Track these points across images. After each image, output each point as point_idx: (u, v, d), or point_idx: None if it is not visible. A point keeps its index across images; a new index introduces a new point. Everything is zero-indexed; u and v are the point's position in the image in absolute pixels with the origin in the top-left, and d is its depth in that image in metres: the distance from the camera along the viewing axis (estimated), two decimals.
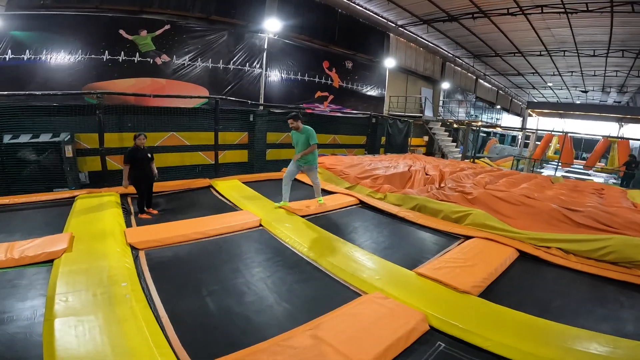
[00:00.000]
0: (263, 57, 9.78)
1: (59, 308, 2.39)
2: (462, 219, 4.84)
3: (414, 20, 12.98)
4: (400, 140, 13.33)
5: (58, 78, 6.89)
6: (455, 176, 7.17)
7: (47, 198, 5.18)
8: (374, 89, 13.60)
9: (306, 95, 11.14)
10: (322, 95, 11.67)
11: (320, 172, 7.54)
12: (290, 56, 10.54)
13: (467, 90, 20.95)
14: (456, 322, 2.48)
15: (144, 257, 3.47)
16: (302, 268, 3.44)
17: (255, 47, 9.60)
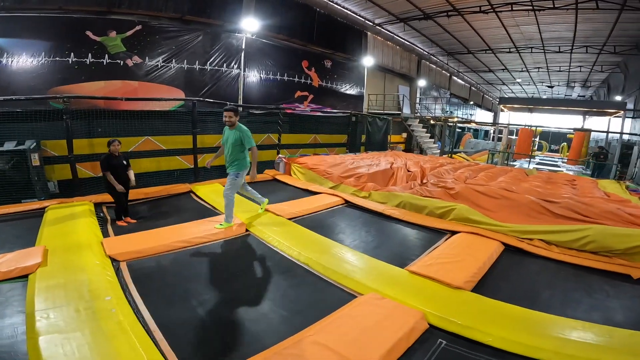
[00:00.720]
0: (241, 58, 9.57)
1: (41, 325, 2.24)
2: (447, 214, 4.92)
3: (390, 18, 13.12)
4: (380, 137, 13.46)
5: (21, 82, 6.43)
6: (436, 172, 7.29)
7: (16, 210, 4.82)
8: (353, 87, 13.65)
9: (286, 95, 11.02)
10: (302, 95, 11.58)
11: (303, 172, 7.51)
12: (269, 56, 10.38)
13: (442, 87, 21.47)
14: (454, 319, 2.49)
15: (126, 268, 3.29)
16: (294, 272, 3.37)
17: (232, 47, 9.38)
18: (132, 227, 4.56)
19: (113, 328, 2.24)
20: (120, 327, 2.26)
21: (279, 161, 8.26)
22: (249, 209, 5.15)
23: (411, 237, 4.51)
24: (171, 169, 7.85)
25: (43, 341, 2.08)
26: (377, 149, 12.80)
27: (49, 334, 2.16)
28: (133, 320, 2.37)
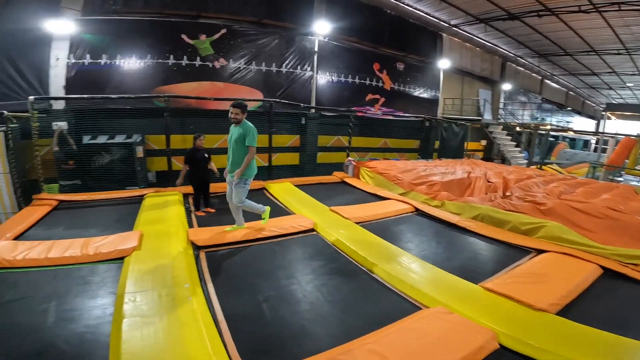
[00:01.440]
0: (314, 60, 9.82)
1: (127, 308, 2.45)
2: (534, 232, 4.40)
3: (469, 19, 12.23)
4: (455, 144, 12.60)
5: (130, 82, 7.48)
6: (522, 184, 6.55)
7: (120, 195, 5.62)
8: (427, 91, 13.05)
9: (357, 98, 10.98)
10: (374, 97, 11.43)
11: (373, 176, 7.37)
12: (340, 58, 10.46)
13: (532, 91, 19.29)
14: (531, 341, 2.23)
15: (204, 257, 3.54)
16: (357, 277, 3.31)
17: (305, 49, 9.68)
18: (211, 217, 4.96)
19: (186, 316, 2.39)
20: (193, 315, 2.40)
21: (348, 164, 8.25)
22: (318, 210, 5.21)
23: (488, 253, 4.12)
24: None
25: (126, 323, 2.26)
26: (452, 156, 12.00)
27: (132, 317, 2.35)
28: (204, 310, 2.52)
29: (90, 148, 6.06)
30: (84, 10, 7.10)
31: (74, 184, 5.94)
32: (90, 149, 6.06)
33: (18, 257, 3.14)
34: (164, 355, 2.00)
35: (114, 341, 2.11)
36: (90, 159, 6.05)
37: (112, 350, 2.04)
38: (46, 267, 3.12)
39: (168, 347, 2.08)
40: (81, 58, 7.09)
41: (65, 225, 4.37)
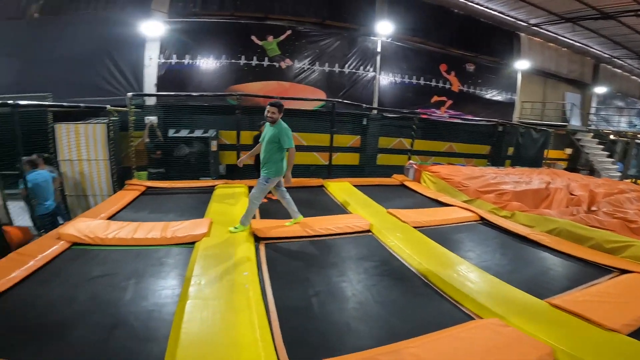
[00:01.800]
0: (376, 61, 9.73)
1: (192, 290, 2.62)
2: (620, 251, 3.89)
3: (551, 18, 11.01)
4: (533, 152, 11.45)
5: (207, 80, 8.23)
6: (613, 199, 5.73)
7: (194, 185, 6.21)
8: (501, 93, 12.08)
9: (421, 99, 10.61)
10: (440, 100, 10.94)
11: (435, 181, 7.07)
12: (404, 59, 10.21)
13: (631, 95, 16.70)
14: None
15: (263, 248, 3.73)
16: (409, 281, 3.23)
17: (368, 50, 9.64)
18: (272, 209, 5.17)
19: (242, 302, 2.53)
20: (248, 302, 2.53)
21: (409, 167, 8.02)
22: (375, 211, 5.18)
23: (560, 269, 3.73)
24: (308, 164, 8.61)
25: (189, 305, 2.41)
26: (529, 164, 10.93)
27: (196, 298, 2.51)
28: (258, 299, 2.64)
29: (174, 140, 6.83)
30: (170, 12, 7.98)
31: (159, 172, 6.73)
32: (174, 141, 6.83)
33: (109, 235, 3.58)
34: (216, 337, 2.14)
35: (176, 320, 2.28)
36: (173, 151, 6.82)
37: (173, 328, 2.21)
38: (131, 246, 3.52)
39: (221, 329, 2.21)
40: (169, 58, 7.99)
41: (150, 209, 4.94)
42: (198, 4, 8.10)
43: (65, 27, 7.67)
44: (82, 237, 3.51)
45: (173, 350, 1.95)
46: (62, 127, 5.71)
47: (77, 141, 5.74)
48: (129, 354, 2.01)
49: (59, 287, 2.73)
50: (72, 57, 7.46)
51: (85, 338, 2.13)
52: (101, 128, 5.83)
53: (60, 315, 2.37)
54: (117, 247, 3.50)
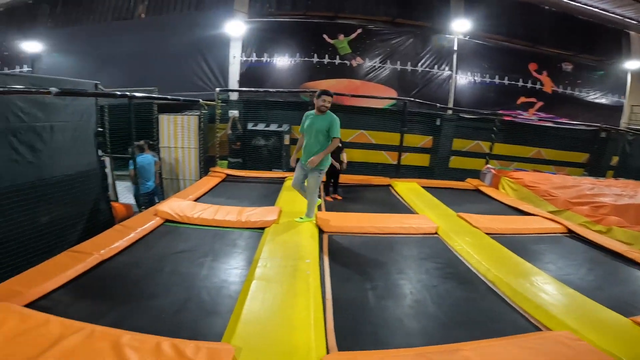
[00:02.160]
0: (452, 59, 9.19)
1: (258, 272, 2.80)
2: None
3: None
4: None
5: (283, 78, 8.70)
6: None
7: (267, 175, 6.64)
8: (605, 95, 10.46)
9: (505, 100, 9.71)
10: (528, 101, 9.90)
11: (516, 188, 6.48)
12: (485, 58, 9.47)
13: None
14: None
15: (326, 239, 3.83)
16: (474, 287, 3.04)
17: (443, 48, 9.17)
18: (337, 204, 5.34)
19: (302, 287, 2.64)
20: (307, 288, 2.63)
21: (487, 172, 7.46)
22: (444, 213, 4.96)
23: None
24: (375, 162, 8.55)
25: (254, 285, 2.57)
26: (638, 177, 9.30)
27: (260, 280, 2.66)
28: (317, 285, 2.72)
29: (252, 133, 7.42)
30: (250, 12, 8.61)
31: (237, 162, 7.38)
32: (252, 134, 7.42)
33: (195, 215, 4.02)
34: (274, 316, 2.27)
35: (241, 298, 2.45)
36: (251, 142, 7.41)
37: (237, 305, 2.37)
38: (211, 227, 3.91)
39: (279, 310, 2.34)
40: (249, 56, 8.65)
41: (228, 194, 5.42)
42: (273, 4, 8.61)
43: (166, 27, 8.78)
44: (173, 215, 4.01)
45: (234, 326, 2.13)
46: (164, 118, 6.62)
47: (174, 130, 6.61)
48: (195, 325, 2.23)
49: (150, 259, 3.14)
50: (173, 55, 8.53)
51: (163, 307, 2.42)
52: (194, 119, 6.61)
53: (145, 284, 2.72)
54: (200, 227, 3.92)
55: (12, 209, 3.37)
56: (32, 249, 3.51)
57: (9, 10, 10.31)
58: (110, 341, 1.79)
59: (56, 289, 2.47)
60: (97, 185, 4.48)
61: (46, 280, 2.45)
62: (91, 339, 1.80)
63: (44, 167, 3.75)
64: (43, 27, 9.85)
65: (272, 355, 1.92)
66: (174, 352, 1.75)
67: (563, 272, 3.45)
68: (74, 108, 4.15)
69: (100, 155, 4.52)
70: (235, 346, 1.89)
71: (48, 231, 3.72)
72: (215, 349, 1.82)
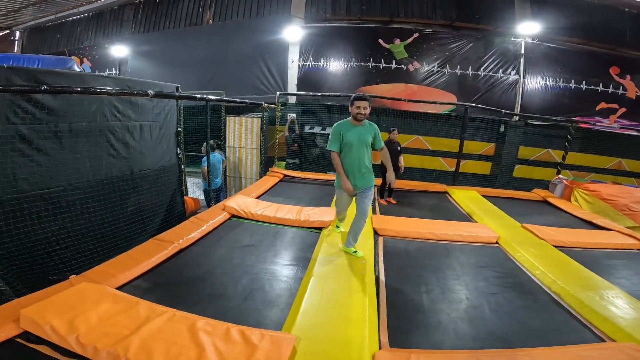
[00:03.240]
0: (520, 63, 8.62)
1: (316, 269, 2.96)
2: None
3: None
4: None
5: (339, 82, 8.85)
6: None
7: (323, 177, 6.84)
8: None
9: (582, 106, 8.86)
10: (608, 107, 8.93)
11: (591, 201, 5.94)
12: (557, 61, 8.72)
13: None
14: None
15: (382, 242, 3.88)
16: (536, 297, 2.91)
17: (508, 52, 8.62)
18: (392, 208, 5.35)
19: (357, 285, 2.74)
20: (362, 286, 2.73)
21: (557, 182, 6.90)
22: (506, 223, 4.73)
23: None
24: (432, 169, 8.35)
25: (312, 280, 2.73)
26: None
27: (318, 276, 2.82)
28: (372, 285, 2.80)
29: (309, 136, 7.70)
30: (306, 17, 8.88)
31: (294, 163, 7.71)
32: (308, 136, 7.70)
33: (258, 212, 4.30)
34: (331, 310, 2.40)
35: (300, 292, 2.62)
36: (308, 145, 7.70)
37: (297, 298, 2.54)
38: (273, 223, 4.15)
39: (336, 305, 2.46)
40: (307, 61, 8.93)
41: (286, 194, 5.66)
42: (328, 10, 8.80)
43: (231, 33, 9.36)
44: (239, 211, 4.33)
45: (294, 316, 2.29)
46: (231, 119, 7.17)
47: (239, 131, 7.12)
48: (258, 314, 2.42)
49: (220, 250, 3.43)
50: (237, 59, 9.08)
51: (231, 296, 2.64)
52: (257, 121, 7.06)
53: (216, 273, 2.98)
54: (263, 223, 4.20)
55: (107, 199, 3.87)
56: (123, 235, 4.02)
57: (96, 15, 11.60)
58: (188, 325, 2.01)
59: (143, 273, 2.82)
60: (176, 179, 5.00)
61: (135, 265, 2.80)
62: (172, 322, 2.04)
63: (135, 162, 4.30)
64: (128, 32, 11.00)
65: (328, 346, 2.04)
66: (241, 338, 1.94)
67: (637, 288, 3.17)
68: (160, 109, 4.70)
69: (178, 153, 5.05)
70: (295, 336, 2.04)
71: (136, 219, 4.25)
72: (278, 337, 1.98)
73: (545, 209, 6.01)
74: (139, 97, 4.14)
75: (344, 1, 8.83)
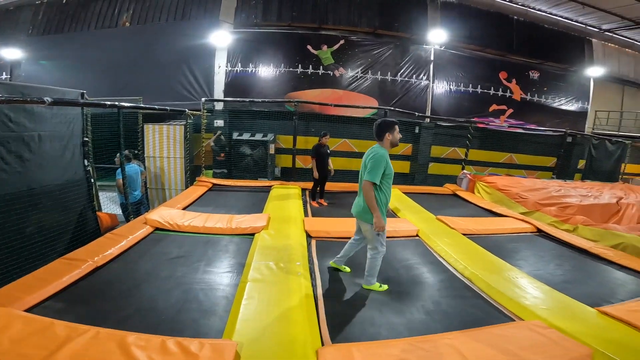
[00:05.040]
0: (430, 69, 9.65)
1: (252, 274, 2.96)
2: None
3: (626, 24, 10.09)
4: (609, 165, 10.46)
5: (267, 87, 8.88)
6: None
7: (254, 184, 6.78)
8: (570, 102, 11.23)
9: (478, 108, 10.27)
10: (499, 109, 10.50)
11: (490, 192, 6.87)
12: (459, 67, 10.00)
13: None
14: None
15: (314, 244, 4.03)
16: (453, 284, 3.30)
17: (421, 59, 9.61)
18: (324, 209, 5.54)
19: (294, 287, 2.83)
20: (299, 287, 2.82)
21: (463, 177, 7.85)
22: (424, 217, 5.24)
23: (620, 281, 3.55)
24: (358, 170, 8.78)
25: (249, 286, 2.74)
26: (603, 179, 9.99)
27: (255, 281, 2.84)
28: (308, 285, 2.91)
29: (237, 142, 7.52)
30: (235, 23, 8.77)
31: (222, 172, 7.45)
32: (237, 143, 7.52)
33: (185, 223, 4.13)
34: (271, 313, 2.44)
35: (237, 298, 2.61)
36: (236, 152, 7.51)
37: (234, 304, 2.53)
38: (202, 234, 4.03)
39: (275, 307, 2.51)
40: (234, 66, 8.78)
41: (216, 203, 5.50)
42: (259, 15, 8.82)
43: (150, 36, 8.83)
44: (163, 223, 4.10)
45: (233, 323, 2.29)
46: (149, 127, 6.65)
47: (160, 140, 6.64)
48: (196, 325, 2.36)
49: (145, 265, 3.23)
50: (157, 64, 8.57)
51: (163, 309, 2.53)
52: (180, 129, 6.67)
53: (143, 288, 2.82)
54: (191, 234, 4.03)
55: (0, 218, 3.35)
56: (23, 256, 3.50)
57: None
58: (117, 342, 1.89)
59: (54, 294, 2.54)
60: (84, 194, 4.48)
61: (44, 287, 2.52)
62: (98, 340, 1.90)
63: (33, 176, 3.75)
64: (24, 34, 9.69)
65: (272, 347, 2.08)
66: (179, 349, 1.87)
67: (534, 268, 3.76)
68: (61, 117, 4.17)
69: (86, 165, 4.54)
70: (237, 341, 2.03)
71: (38, 239, 3.72)
72: (218, 344, 1.95)
73: (455, 202, 6.81)
74: (35, 105, 3.62)
75: (275, 7, 8.87)
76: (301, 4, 8.88)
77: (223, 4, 8.73)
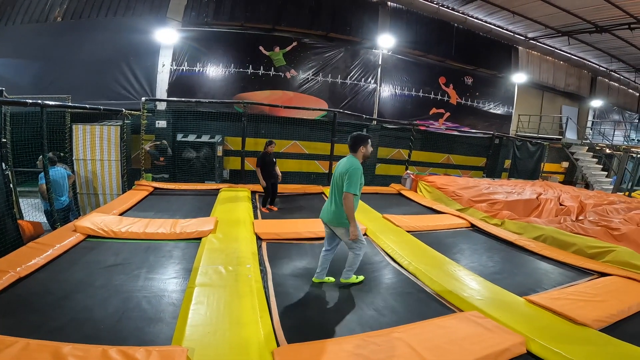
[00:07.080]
0: (377, 73, 10.05)
1: (200, 279, 2.90)
2: (601, 256, 4.15)
3: (549, 32, 11.39)
4: (530, 165, 11.75)
5: (216, 88, 8.56)
6: (600, 209, 5.99)
7: (200, 187, 6.52)
8: (498, 106, 12.41)
9: (420, 111, 10.92)
10: (438, 112, 11.26)
11: (430, 190, 7.35)
12: (404, 72, 10.52)
13: (628, 109, 17.02)
14: (563, 351, 2.22)
15: (265, 246, 4.01)
16: (399, 279, 3.48)
17: (370, 62, 9.96)
18: (274, 213, 5.50)
19: (245, 289, 2.80)
20: (250, 290, 2.80)
21: (407, 177, 8.31)
22: (371, 216, 5.44)
23: (543, 271, 3.99)
24: (309, 172, 8.88)
25: (197, 290, 2.69)
26: (525, 177, 11.21)
27: (203, 285, 2.78)
28: (260, 287, 2.91)
29: (181, 144, 7.15)
30: (184, 21, 8.37)
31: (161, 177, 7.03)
32: (181, 145, 7.15)
33: (122, 229, 3.87)
34: (221, 317, 2.39)
35: (185, 303, 2.54)
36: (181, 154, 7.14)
37: (182, 310, 2.46)
38: (142, 240, 3.80)
39: (227, 312, 2.47)
40: (181, 65, 8.34)
41: (158, 208, 5.21)
42: (210, 14, 8.49)
43: (86, 32, 8.07)
44: (97, 230, 3.79)
45: (182, 328, 2.20)
46: (79, 128, 6.05)
47: (92, 142, 6.07)
48: (140, 333, 2.24)
49: (76, 274, 2.98)
50: (91, 61, 7.83)
51: (100, 319, 2.36)
52: (115, 130, 6.17)
53: (76, 298, 2.61)
54: (130, 240, 3.78)
55: None
56: None
57: None
58: (51, 353, 1.72)
59: None
60: (2, 201, 3.95)
61: None
62: (28, 352, 1.72)
63: None
64: None
65: (225, 351, 2.03)
66: (124, 358, 1.75)
67: (469, 261, 4.11)
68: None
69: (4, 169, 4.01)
70: (187, 347, 1.96)
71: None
72: (167, 350, 1.86)
73: (400, 200, 7.18)
74: None
75: (227, 7, 8.57)
76: (255, 4, 8.72)
77: (172, 2, 8.25)
